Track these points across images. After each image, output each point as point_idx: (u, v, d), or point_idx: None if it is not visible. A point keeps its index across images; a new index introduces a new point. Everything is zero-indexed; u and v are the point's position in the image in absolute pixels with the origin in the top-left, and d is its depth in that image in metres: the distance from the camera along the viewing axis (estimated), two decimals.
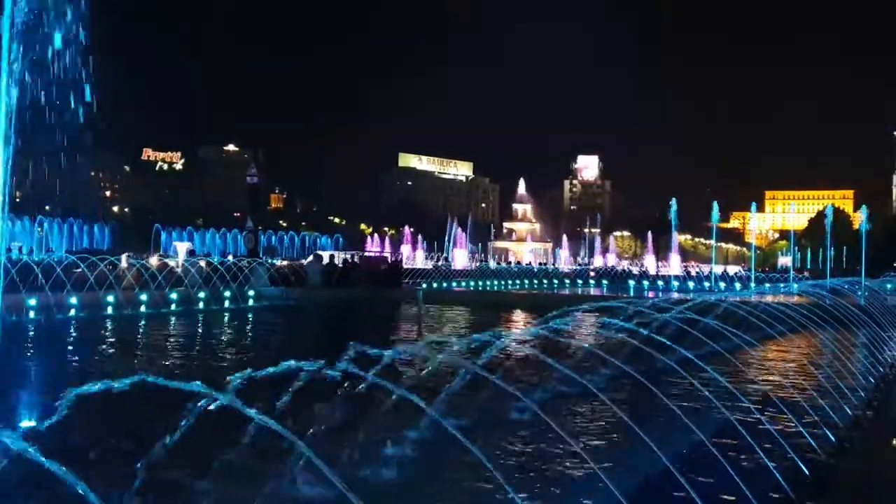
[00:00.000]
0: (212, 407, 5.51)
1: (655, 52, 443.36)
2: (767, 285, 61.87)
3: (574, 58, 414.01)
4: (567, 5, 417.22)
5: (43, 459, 3.77)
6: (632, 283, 64.79)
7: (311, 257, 57.30)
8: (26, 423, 10.45)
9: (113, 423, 9.68)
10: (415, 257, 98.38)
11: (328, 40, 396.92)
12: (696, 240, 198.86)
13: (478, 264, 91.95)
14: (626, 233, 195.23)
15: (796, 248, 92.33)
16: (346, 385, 7.97)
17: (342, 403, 8.87)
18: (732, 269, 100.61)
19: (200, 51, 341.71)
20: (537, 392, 12.70)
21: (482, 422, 10.89)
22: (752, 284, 63.62)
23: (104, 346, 22.81)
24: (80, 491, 3.82)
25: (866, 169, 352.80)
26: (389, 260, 66.49)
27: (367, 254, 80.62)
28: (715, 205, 69.92)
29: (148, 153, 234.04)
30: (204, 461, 7.60)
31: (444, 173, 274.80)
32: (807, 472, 9.15)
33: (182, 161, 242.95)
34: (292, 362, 6.46)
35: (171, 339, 25.16)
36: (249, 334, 28.54)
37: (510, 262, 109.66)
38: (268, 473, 7.82)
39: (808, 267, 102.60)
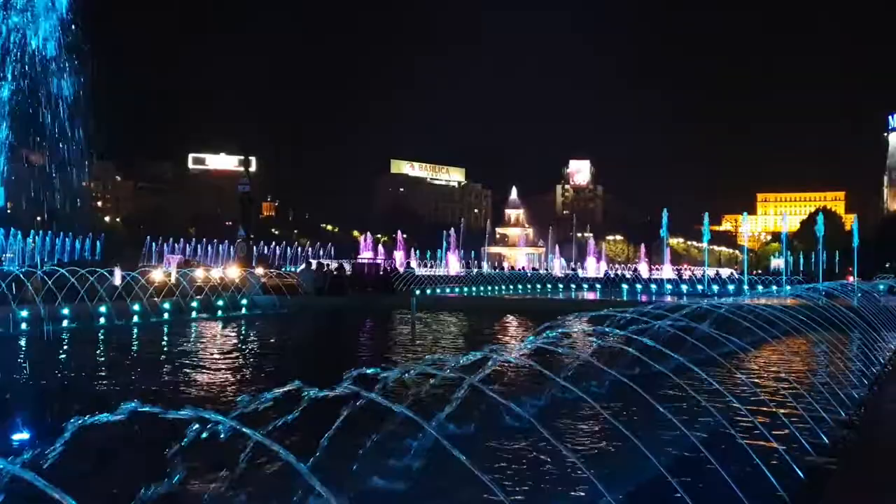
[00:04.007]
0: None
1: (646, 56, 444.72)
2: (760, 288, 62.09)
3: (566, 62, 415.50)
4: (560, 11, 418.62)
5: None
6: (625, 287, 64.73)
7: (303, 265, 57.23)
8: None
9: None
10: (407, 263, 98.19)
11: (319, 47, 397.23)
12: (689, 243, 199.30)
13: (474, 270, 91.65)
14: (618, 237, 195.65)
15: (789, 250, 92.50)
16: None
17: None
18: (725, 272, 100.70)
19: (192, 58, 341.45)
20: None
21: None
22: (746, 287, 63.75)
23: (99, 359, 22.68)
24: None
25: (857, 170, 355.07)
26: (382, 267, 66.45)
27: (359, 261, 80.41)
28: (706, 215, 71.28)
29: (140, 162, 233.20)
30: None
31: (437, 179, 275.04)
32: (801, 473, 9.16)
33: (173, 170, 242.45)
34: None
35: (165, 350, 25.07)
36: (242, 346, 28.40)
37: (503, 268, 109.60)
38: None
39: (802, 269, 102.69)
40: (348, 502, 6.35)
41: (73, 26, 10.14)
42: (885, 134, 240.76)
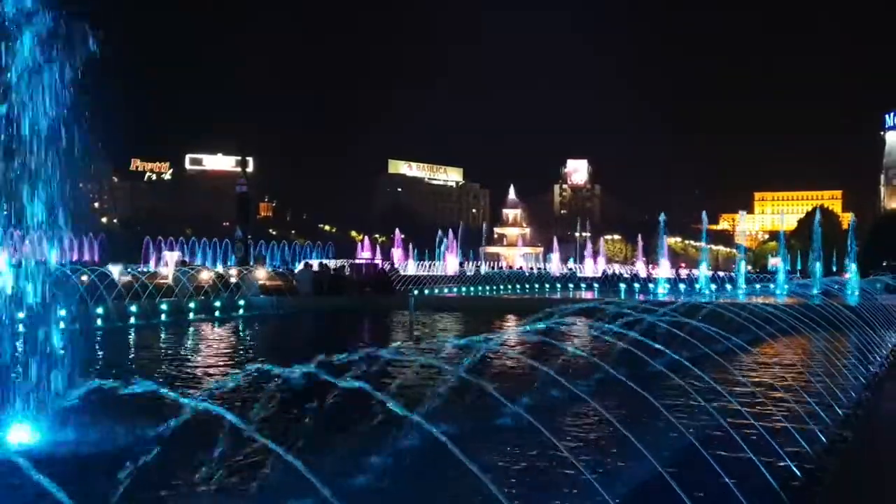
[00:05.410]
0: None
1: (646, 56, 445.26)
2: (758, 286, 62.13)
3: (566, 62, 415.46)
4: (560, 11, 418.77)
5: None
6: (623, 286, 64.81)
7: (301, 265, 57.22)
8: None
9: None
10: (391, 264, 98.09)
11: (319, 47, 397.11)
12: (686, 242, 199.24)
13: (469, 271, 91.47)
14: (616, 236, 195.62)
15: (786, 249, 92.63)
16: None
17: None
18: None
19: (190, 58, 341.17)
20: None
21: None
22: (742, 286, 63.83)
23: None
24: None
25: (854, 168, 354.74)
26: (379, 267, 66.45)
27: (357, 261, 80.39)
28: (704, 215, 72.09)
29: (136, 163, 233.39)
30: None
31: (435, 179, 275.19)
32: (798, 472, 9.17)
33: (171, 170, 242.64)
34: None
35: (162, 350, 25.06)
36: (238, 347, 28.38)
37: (501, 267, 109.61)
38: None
39: (799, 267, 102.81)
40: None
41: (67, 27, 10.12)
42: (882, 133, 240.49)
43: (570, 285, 76.19)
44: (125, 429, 10.09)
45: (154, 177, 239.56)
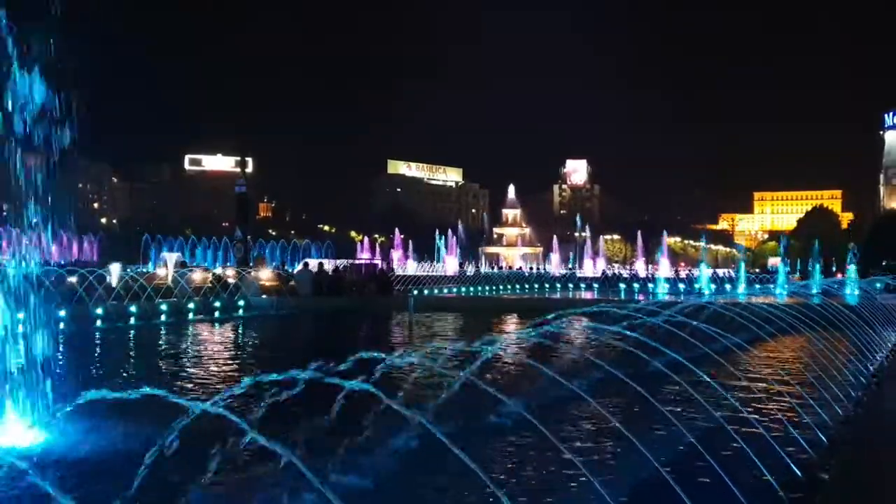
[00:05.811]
0: None
1: (646, 56, 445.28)
2: (758, 286, 62.20)
3: (563, 63, 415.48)
4: (560, 11, 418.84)
5: None
6: (622, 286, 64.91)
7: (300, 266, 57.17)
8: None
9: None
10: (406, 263, 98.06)
11: (319, 47, 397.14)
12: (686, 242, 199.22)
13: (468, 272, 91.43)
14: (615, 236, 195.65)
15: (785, 249, 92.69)
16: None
17: None
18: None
19: (187, 60, 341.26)
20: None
21: None
22: (742, 286, 63.89)
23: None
24: None
25: (854, 168, 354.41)
26: (378, 267, 66.40)
27: (356, 261, 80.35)
28: (705, 230, 72.55)
29: (136, 164, 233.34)
30: None
31: (434, 179, 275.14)
32: (798, 472, 9.15)
33: (170, 171, 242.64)
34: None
35: (165, 350, 25.04)
36: (236, 348, 28.36)
37: (501, 267, 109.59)
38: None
39: (799, 267, 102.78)
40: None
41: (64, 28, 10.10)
42: (882, 132, 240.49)
43: (570, 285, 76.20)
44: (127, 431, 10.09)
45: (153, 177, 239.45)
